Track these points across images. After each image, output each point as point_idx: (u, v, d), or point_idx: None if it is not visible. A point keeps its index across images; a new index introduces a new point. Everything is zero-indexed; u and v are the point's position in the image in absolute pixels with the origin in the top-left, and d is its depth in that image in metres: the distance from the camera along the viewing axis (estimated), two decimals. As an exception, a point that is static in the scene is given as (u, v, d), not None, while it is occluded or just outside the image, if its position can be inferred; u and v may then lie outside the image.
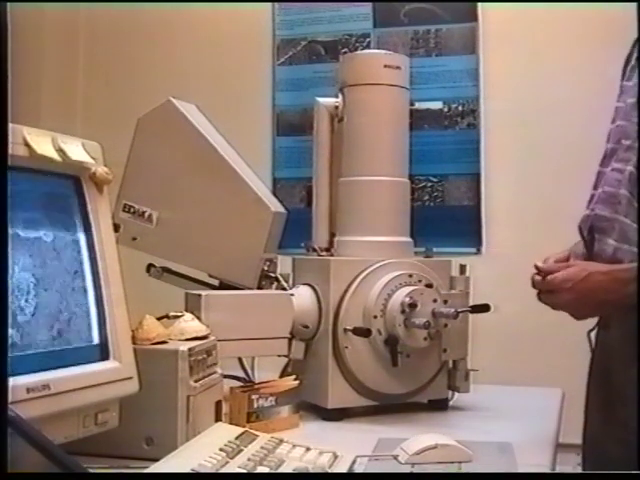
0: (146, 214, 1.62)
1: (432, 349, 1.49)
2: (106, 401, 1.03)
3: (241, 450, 1.02)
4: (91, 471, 0.81)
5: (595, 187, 1.48)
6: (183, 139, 1.63)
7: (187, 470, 0.92)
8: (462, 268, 1.57)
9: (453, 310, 1.44)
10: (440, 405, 1.56)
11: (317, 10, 3.25)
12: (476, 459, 1.14)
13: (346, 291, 1.48)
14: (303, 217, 1.64)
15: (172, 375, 1.13)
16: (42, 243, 0.99)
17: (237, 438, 1.07)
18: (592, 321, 1.49)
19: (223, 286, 1.63)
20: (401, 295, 1.45)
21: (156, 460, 0.96)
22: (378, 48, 3.04)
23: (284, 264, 1.63)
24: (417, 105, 1.66)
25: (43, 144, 1.00)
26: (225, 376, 1.31)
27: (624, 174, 1.37)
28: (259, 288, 1.61)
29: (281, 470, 0.99)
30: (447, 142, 3.11)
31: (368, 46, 3.16)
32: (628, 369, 1.31)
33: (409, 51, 3.06)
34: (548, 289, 1.37)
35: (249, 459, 0.99)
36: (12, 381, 0.83)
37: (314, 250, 1.60)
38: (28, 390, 0.89)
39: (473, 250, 3.04)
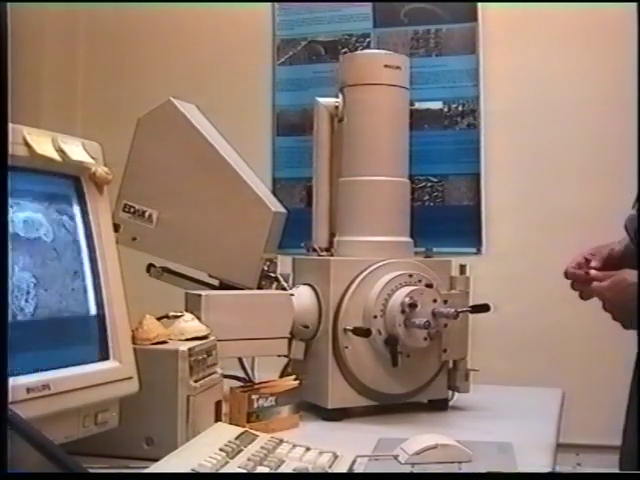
0: (146, 214, 1.62)
1: (432, 349, 1.49)
2: (106, 401, 1.03)
3: (241, 450, 1.02)
4: (91, 471, 0.81)
5: None
6: (183, 139, 1.63)
7: (187, 470, 0.92)
8: (462, 268, 1.57)
9: (453, 310, 1.44)
10: (440, 405, 1.56)
11: (317, 10, 3.25)
12: (476, 459, 1.14)
13: (346, 291, 1.48)
14: (303, 217, 1.64)
15: (172, 375, 1.13)
16: (42, 243, 0.99)
17: (237, 438, 1.07)
18: None
19: (223, 286, 1.63)
20: (401, 295, 1.45)
21: (156, 460, 0.96)
22: (378, 48, 3.03)
23: (284, 264, 1.63)
24: (417, 105, 1.66)
25: (43, 144, 1.00)
26: (225, 376, 1.31)
27: None
28: (259, 288, 1.61)
29: (281, 470, 0.99)
30: (447, 142, 3.11)
31: (368, 46, 3.16)
32: None
33: (409, 51, 3.06)
34: (597, 297, 1.39)
35: (249, 459, 0.99)
36: (12, 381, 0.83)
37: (314, 250, 1.60)
38: (28, 390, 0.89)
39: (473, 250, 3.04)
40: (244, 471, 0.96)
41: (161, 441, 1.11)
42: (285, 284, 1.59)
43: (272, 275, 1.61)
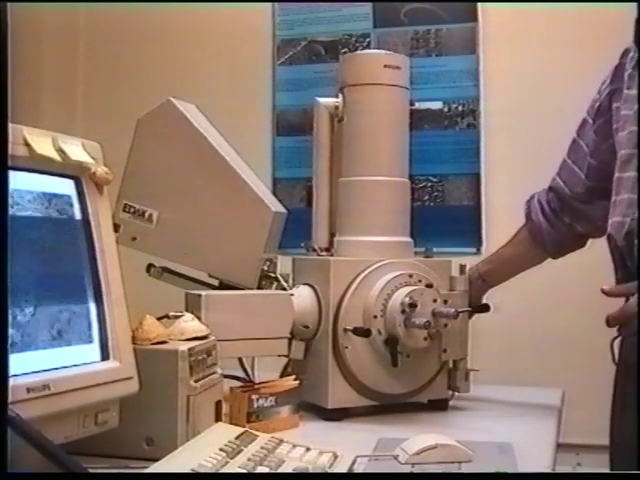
0: (146, 214, 1.62)
1: (432, 349, 1.49)
2: (106, 401, 1.04)
3: (241, 450, 1.02)
4: (91, 471, 0.81)
5: (617, 193, 1.46)
6: (183, 139, 1.63)
7: (187, 470, 0.92)
8: (462, 268, 1.57)
9: (453, 310, 1.44)
10: (440, 405, 1.57)
11: (317, 10, 3.25)
12: (476, 459, 1.14)
13: (346, 291, 1.48)
14: (303, 217, 1.64)
15: (172, 375, 1.13)
16: (42, 243, 0.99)
17: (237, 438, 1.07)
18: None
19: (223, 286, 1.63)
20: (401, 295, 1.45)
21: (156, 460, 0.96)
22: (378, 48, 3.03)
23: (284, 264, 1.63)
24: (417, 105, 1.65)
25: (43, 144, 1.00)
26: (225, 376, 1.31)
27: None
28: (259, 288, 1.61)
29: (281, 470, 0.99)
30: (447, 142, 3.10)
31: (368, 46, 3.16)
32: None
33: (409, 51, 3.06)
34: None
35: (249, 459, 0.99)
36: (12, 381, 0.83)
37: (314, 250, 1.60)
38: (28, 390, 0.90)
39: (473, 250, 3.03)
40: (244, 471, 0.96)
41: (161, 441, 1.11)
42: (285, 284, 1.59)
43: (272, 275, 1.61)
